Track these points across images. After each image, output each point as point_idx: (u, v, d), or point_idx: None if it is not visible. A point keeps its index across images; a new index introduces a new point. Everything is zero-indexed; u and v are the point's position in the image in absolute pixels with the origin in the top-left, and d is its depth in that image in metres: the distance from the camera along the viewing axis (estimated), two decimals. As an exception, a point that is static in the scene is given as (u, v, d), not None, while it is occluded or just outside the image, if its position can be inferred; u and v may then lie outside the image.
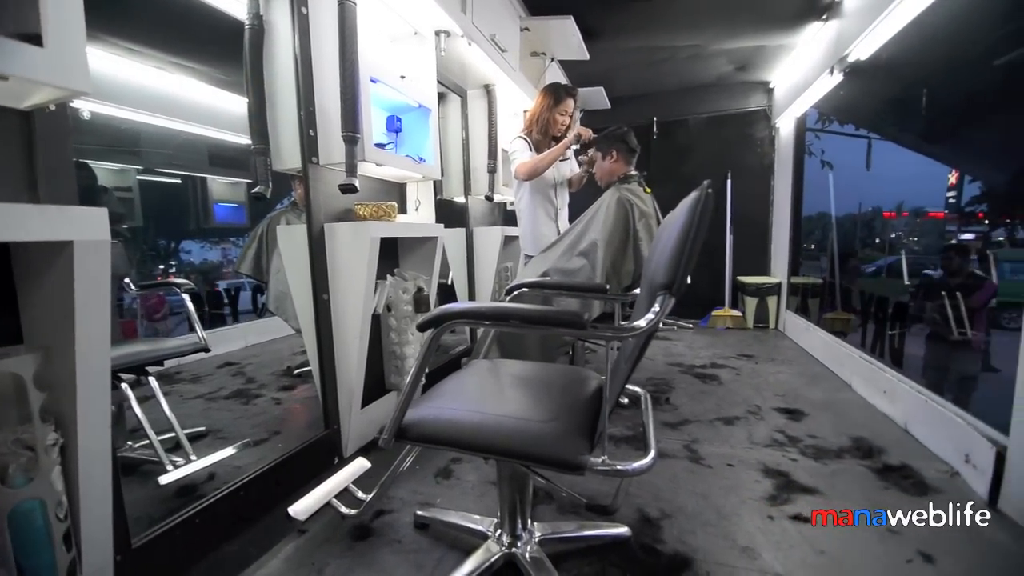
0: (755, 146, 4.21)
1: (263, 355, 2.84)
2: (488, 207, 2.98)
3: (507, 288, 1.33)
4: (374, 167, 1.63)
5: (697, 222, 0.67)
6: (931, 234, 12.44)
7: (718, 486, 1.44)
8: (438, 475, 1.53)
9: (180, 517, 1.11)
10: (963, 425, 1.49)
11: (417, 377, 0.79)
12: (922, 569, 1.08)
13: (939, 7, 1.90)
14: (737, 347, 3.28)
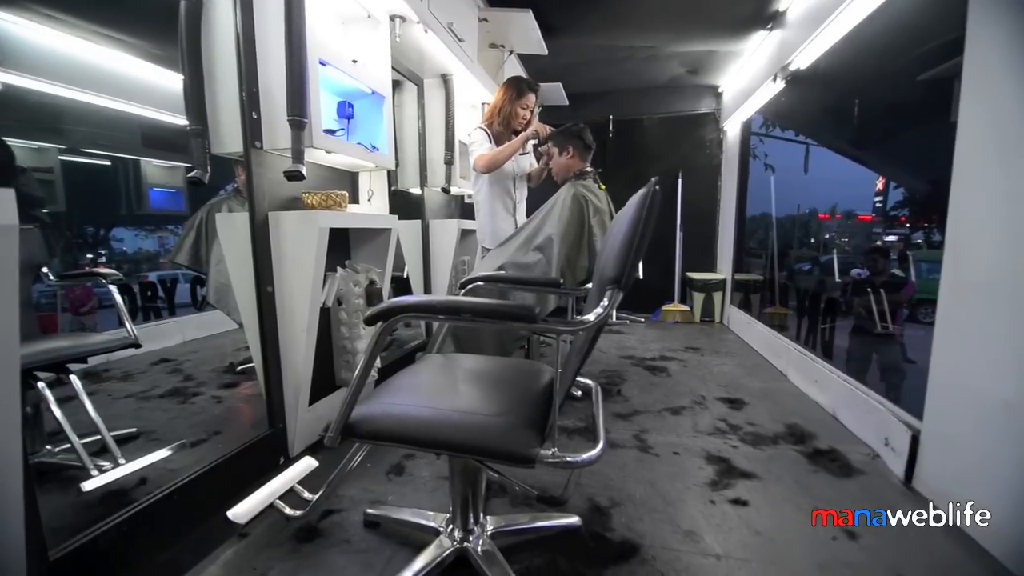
0: (704, 147, 4.38)
1: (203, 351, 2.67)
2: (445, 199, 2.94)
3: (461, 282, 1.32)
4: (323, 154, 1.56)
5: (644, 218, 0.68)
6: (860, 235, 13.40)
7: (665, 474, 1.49)
8: (390, 472, 1.50)
9: (105, 525, 1.03)
10: (883, 411, 1.62)
11: (365, 373, 0.77)
12: (845, 544, 1.16)
13: (871, 23, 2.03)
14: (685, 340, 3.41)
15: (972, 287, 1.26)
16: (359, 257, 1.90)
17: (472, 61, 2.50)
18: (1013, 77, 1.14)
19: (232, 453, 1.40)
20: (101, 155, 2.56)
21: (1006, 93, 1.16)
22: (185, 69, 1.37)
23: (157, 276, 2.85)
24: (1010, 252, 1.14)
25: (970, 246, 1.27)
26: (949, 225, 1.33)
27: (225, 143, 1.44)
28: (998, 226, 1.18)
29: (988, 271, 1.20)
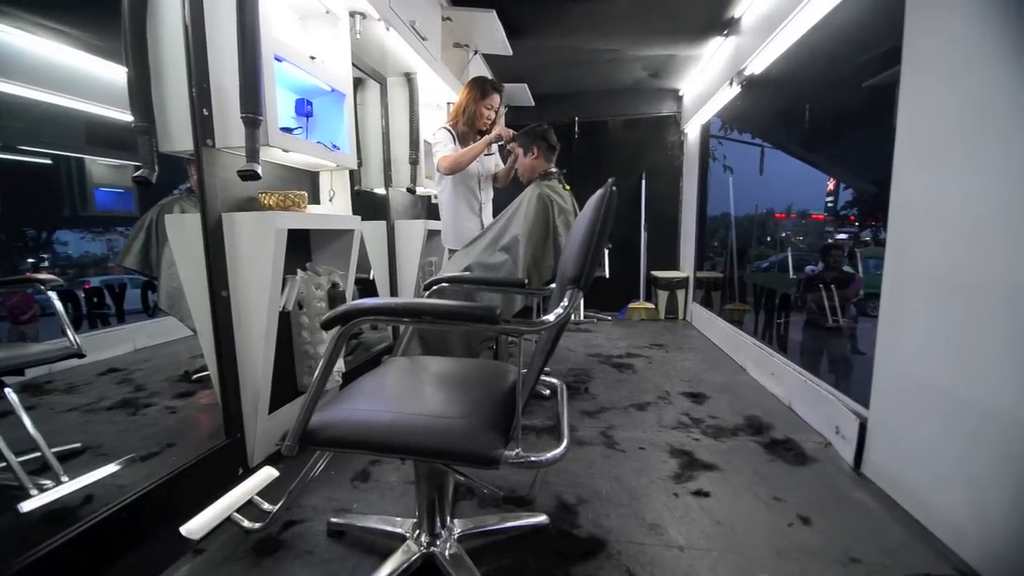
0: (667, 149, 4.49)
1: (156, 359, 2.54)
2: (411, 200, 2.90)
3: (426, 283, 1.31)
4: (280, 153, 1.51)
5: (602, 218, 0.69)
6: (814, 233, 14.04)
7: (630, 469, 1.52)
8: (356, 479, 1.47)
9: (45, 548, 0.97)
10: (833, 401, 1.70)
11: (323, 378, 0.75)
12: (800, 530, 1.21)
13: (818, 32, 2.13)
14: (650, 337, 3.49)
15: (911, 282, 1.34)
16: (321, 259, 1.85)
17: (436, 60, 2.48)
18: (945, 84, 1.22)
19: (186, 466, 1.34)
20: (42, 153, 2.39)
21: (939, 98, 1.24)
22: (129, 62, 1.30)
23: (101, 281, 2.69)
24: (944, 248, 1.21)
25: (909, 243, 1.35)
26: (890, 224, 1.41)
27: (174, 141, 1.38)
28: (933, 224, 1.26)
29: (925, 267, 1.28)
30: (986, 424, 1.07)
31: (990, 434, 1.06)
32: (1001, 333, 1.04)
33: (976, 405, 1.10)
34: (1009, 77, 1.03)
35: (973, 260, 1.12)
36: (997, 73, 1.06)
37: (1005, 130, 1.04)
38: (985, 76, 1.09)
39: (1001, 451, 1.03)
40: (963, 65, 1.16)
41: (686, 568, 1.07)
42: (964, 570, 1.07)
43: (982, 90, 1.10)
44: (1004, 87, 1.04)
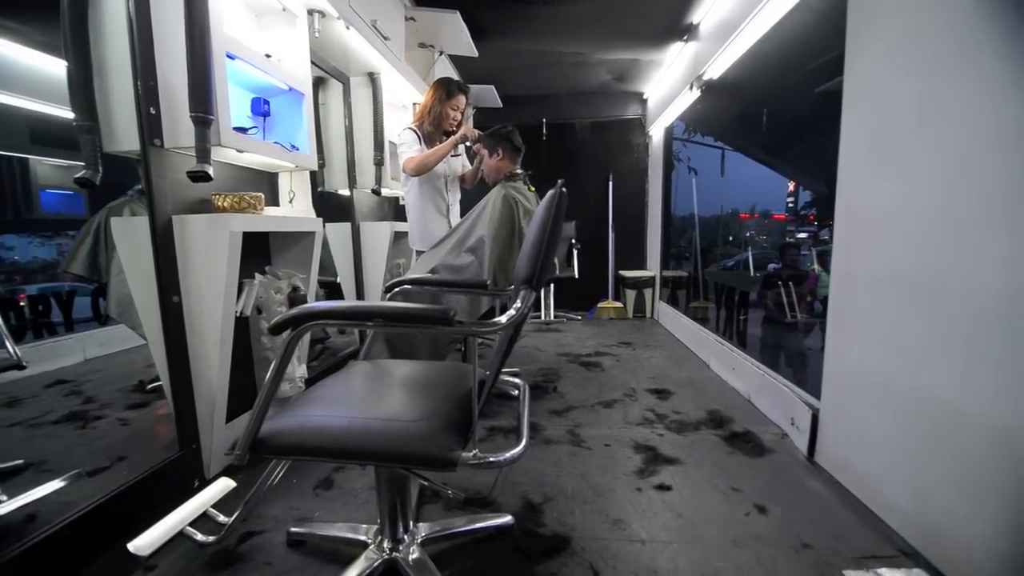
0: (633, 151, 4.58)
1: (108, 369, 2.41)
2: (377, 201, 2.86)
3: (386, 286, 1.29)
4: (234, 153, 1.47)
5: (552, 218, 0.70)
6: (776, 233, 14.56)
7: (596, 465, 1.54)
8: (318, 486, 1.44)
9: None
10: (789, 393, 1.76)
11: (273, 385, 0.73)
12: (756, 519, 1.26)
13: (772, 38, 2.22)
14: (618, 336, 3.54)
15: (856, 278, 1.41)
16: (281, 262, 1.81)
17: (400, 60, 2.46)
18: (882, 92, 1.29)
19: (137, 479, 1.29)
20: (-22, 152, 2.24)
21: (877, 105, 1.31)
22: (69, 57, 1.24)
23: (42, 289, 2.54)
24: (884, 247, 1.28)
25: (853, 242, 1.42)
26: (836, 223, 1.48)
27: (120, 140, 1.32)
28: (874, 224, 1.33)
29: (868, 264, 1.35)
30: (924, 411, 1.13)
31: (928, 421, 1.12)
32: (936, 325, 1.11)
33: (915, 394, 1.16)
34: (942, 85, 1.10)
35: (910, 257, 1.19)
36: (931, 82, 1.13)
37: (937, 136, 1.11)
38: (919, 85, 1.16)
39: (937, 436, 1.10)
40: (899, 74, 1.23)
41: (647, 561, 1.10)
42: (906, 550, 1.13)
43: (917, 98, 1.17)
44: (937, 95, 1.11)
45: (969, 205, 1.01)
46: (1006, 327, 0.92)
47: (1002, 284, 0.93)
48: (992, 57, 0.96)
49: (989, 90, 0.97)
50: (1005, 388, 0.92)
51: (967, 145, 1.02)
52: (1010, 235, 0.92)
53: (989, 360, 0.96)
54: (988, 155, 0.97)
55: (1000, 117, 0.94)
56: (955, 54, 1.05)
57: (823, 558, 1.10)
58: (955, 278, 1.04)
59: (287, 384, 1.71)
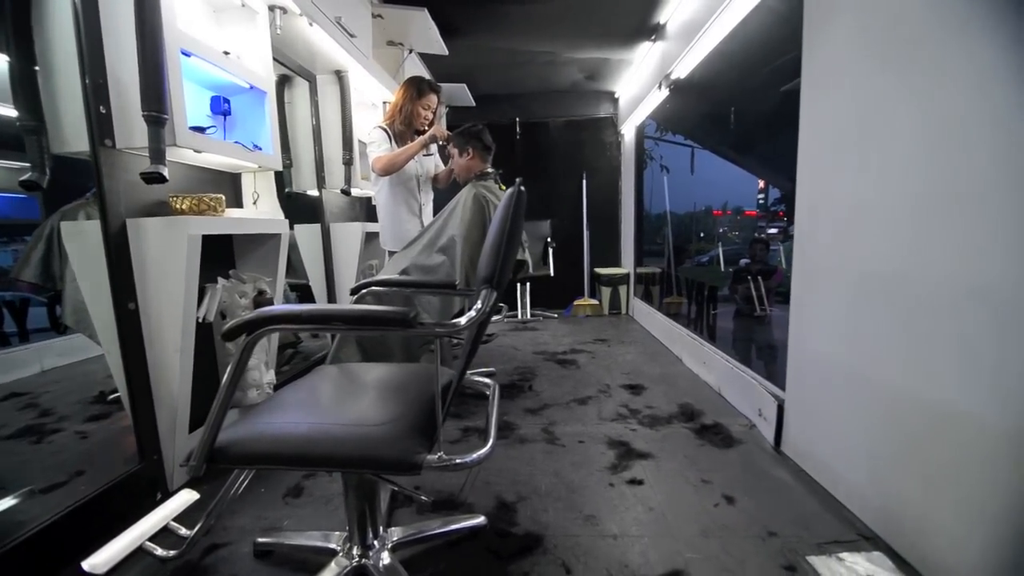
0: (605, 150, 4.63)
1: (66, 380, 2.30)
2: (347, 201, 2.82)
3: (351, 288, 1.27)
4: (192, 154, 1.42)
5: (512, 218, 0.69)
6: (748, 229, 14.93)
7: (570, 463, 1.55)
8: (287, 495, 1.41)
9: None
10: (756, 385, 1.81)
11: (228, 392, 0.71)
12: (725, 509, 1.28)
13: (736, 38, 2.27)
14: (594, 333, 3.57)
15: (815, 271, 1.45)
16: (246, 265, 1.76)
17: (367, 58, 2.42)
18: (835, 92, 1.33)
19: (94, 494, 1.23)
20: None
21: (831, 105, 1.35)
22: (11, 52, 1.18)
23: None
24: (840, 240, 1.32)
25: (812, 236, 1.46)
26: (796, 218, 1.52)
27: (68, 141, 1.27)
28: (830, 218, 1.37)
29: (826, 257, 1.39)
30: (881, 400, 1.18)
31: (884, 409, 1.17)
32: (888, 316, 1.15)
33: (872, 383, 1.20)
34: (894, 83, 1.14)
35: (865, 251, 1.23)
36: (883, 80, 1.17)
37: (890, 133, 1.15)
38: (872, 83, 1.20)
39: (894, 424, 1.14)
40: (853, 72, 1.27)
41: (619, 556, 1.11)
42: (867, 534, 1.17)
43: (870, 96, 1.21)
44: (889, 93, 1.15)
45: (921, 200, 1.05)
46: (956, 318, 0.96)
47: (952, 276, 0.97)
48: (942, 54, 1.00)
49: (939, 88, 1.01)
50: (955, 376, 0.96)
51: (917, 142, 1.06)
52: (960, 229, 0.95)
53: (940, 350, 1.00)
54: (938, 152, 1.01)
55: (949, 115, 0.98)
56: (906, 52, 1.09)
57: (788, 545, 1.13)
58: (908, 271, 1.08)
59: (254, 391, 1.66)
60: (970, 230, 0.93)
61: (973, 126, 0.92)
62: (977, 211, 0.91)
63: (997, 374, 0.87)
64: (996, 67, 0.87)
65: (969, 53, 0.92)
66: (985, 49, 0.89)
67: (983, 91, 0.90)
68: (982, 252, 0.90)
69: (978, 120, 0.91)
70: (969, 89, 0.93)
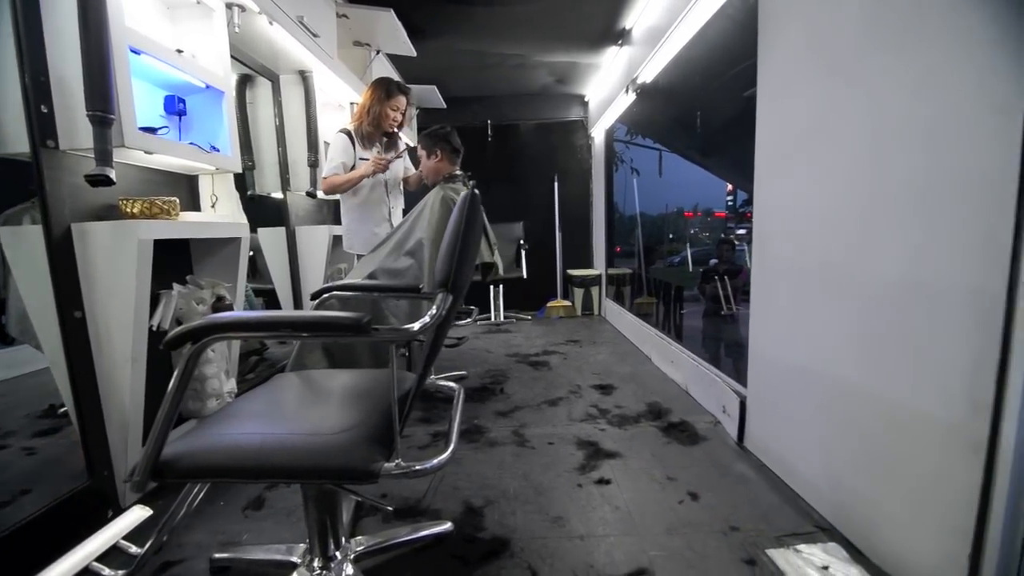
0: (576, 153, 4.67)
1: (14, 393, 2.17)
2: (314, 204, 2.76)
3: (312, 293, 1.24)
4: (143, 155, 1.36)
5: (466, 220, 0.69)
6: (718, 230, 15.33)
7: (539, 464, 1.55)
8: (248, 507, 1.36)
9: None
10: (720, 383, 1.85)
11: (172, 404, 0.68)
12: (689, 506, 1.31)
13: (701, 45, 2.32)
14: (566, 334, 3.60)
15: (773, 272, 1.50)
16: (204, 271, 1.70)
17: (332, 58, 2.38)
18: (787, 98, 1.38)
19: (38, 514, 1.17)
20: None
21: (784, 110, 1.40)
22: (-60, 48, 1.11)
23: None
24: (796, 241, 1.37)
25: (769, 238, 1.51)
26: (754, 220, 1.57)
27: (7, 142, 1.21)
28: (785, 220, 1.42)
29: (782, 258, 1.44)
30: (833, 395, 1.22)
31: (837, 403, 1.21)
32: (839, 314, 1.19)
33: (826, 378, 1.24)
34: (841, 89, 1.18)
35: (816, 251, 1.27)
36: (831, 85, 1.22)
37: (838, 137, 1.19)
38: (821, 88, 1.25)
39: (845, 418, 1.18)
40: (804, 78, 1.31)
41: (584, 556, 1.11)
42: (823, 525, 1.21)
43: (819, 101, 1.26)
44: (837, 98, 1.20)
45: (866, 201, 1.10)
46: (902, 316, 1.00)
47: (896, 275, 1.01)
48: (882, 63, 1.04)
49: (879, 94, 1.05)
50: (902, 372, 1.01)
51: (862, 145, 1.11)
52: (901, 229, 1.00)
53: (888, 347, 1.04)
54: (881, 155, 1.05)
55: (890, 120, 1.03)
56: (849, 60, 1.14)
57: (749, 539, 1.16)
58: (856, 270, 1.13)
59: (214, 400, 1.61)
60: (911, 230, 0.97)
61: (911, 130, 0.97)
62: (917, 211, 0.96)
63: (941, 370, 0.91)
64: (929, 74, 0.92)
65: (905, 61, 0.97)
66: (919, 57, 0.94)
67: (919, 97, 0.95)
68: (922, 251, 0.95)
69: (916, 125, 0.96)
70: (906, 95, 0.97)
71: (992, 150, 0.81)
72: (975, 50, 0.84)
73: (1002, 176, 0.79)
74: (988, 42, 0.81)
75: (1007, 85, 0.77)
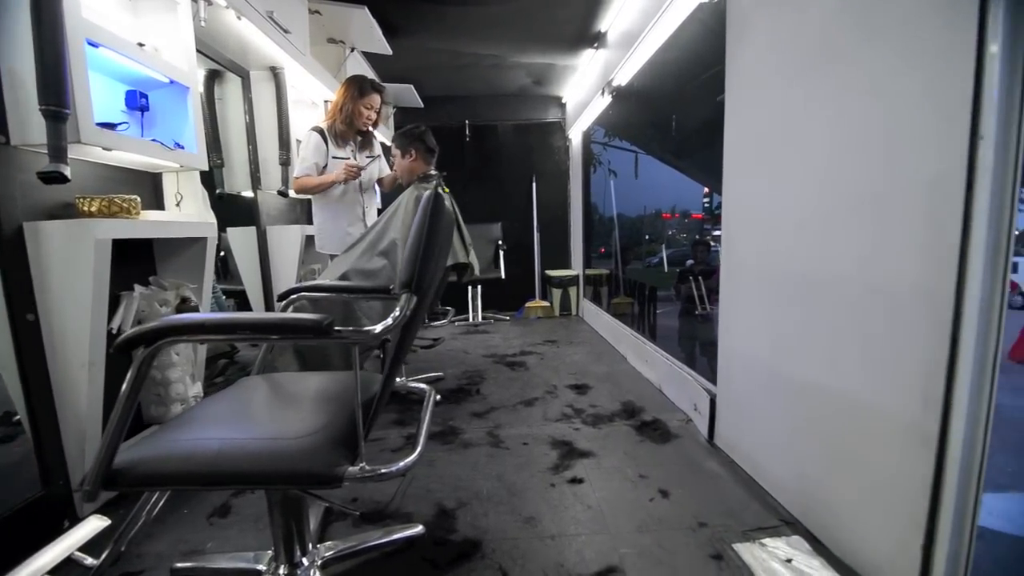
0: (554, 154, 4.69)
1: (-37, 400, 2.08)
2: (287, 203, 2.70)
3: (279, 295, 1.21)
4: (102, 152, 1.31)
5: (430, 221, 0.69)
6: (695, 231, 15.59)
7: (512, 465, 1.55)
8: (213, 515, 1.32)
9: None
10: (692, 381, 1.89)
11: (124, 410, 0.65)
12: (660, 504, 1.33)
13: (675, 48, 2.36)
14: (544, 334, 3.61)
15: (740, 273, 1.53)
16: (168, 271, 1.65)
17: (305, 55, 2.33)
18: (750, 104, 1.41)
19: (-17, 528, 1.11)
20: None
21: (748, 116, 1.44)
22: None
23: None
24: (760, 243, 1.40)
25: (736, 239, 1.54)
26: (723, 222, 1.60)
27: (-47, 136, 1.14)
28: (751, 222, 1.45)
29: (748, 259, 1.48)
30: (798, 392, 1.25)
31: (800, 400, 1.24)
32: (801, 314, 1.23)
33: (791, 376, 1.28)
34: (796, 99, 1.22)
35: (781, 254, 1.31)
36: (788, 96, 1.25)
37: (796, 143, 1.23)
38: (785, 94, 1.28)
39: (807, 414, 1.22)
40: (769, 84, 1.35)
41: (555, 556, 1.12)
42: (788, 519, 1.24)
43: (780, 110, 1.29)
44: (792, 108, 1.23)
45: (825, 204, 1.13)
46: (859, 315, 1.04)
47: (854, 276, 1.05)
48: (842, 69, 1.08)
49: (839, 100, 1.09)
50: (859, 369, 1.04)
51: (823, 150, 1.14)
52: (859, 231, 1.03)
53: (846, 345, 1.08)
54: (840, 159, 1.09)
55: (848, 125, 1.06)
56: (811, 67, 1.17)
57: (716, 534, 1.19)
58: (816, 271, 1.16)
59: (179, 405, 1.56)
60: (867, 231, 1.01)
61: (867, 135, 1.00)
62: (872, 213, 0.99)
63: (895, 367, 0.95)
64: (883, 82, 0.95)
65: (861, 69, 1.00)
66: (874, 65, 0.97)
67: (874, 104, 0.98)
68: (878, 252, 0.98)
69: (871, 130, 0.99)
70: (863, 102, 1.01)
71: (940, 154, 0.84)
72: (924, 59, 0.87)
73: (949, 180, 0.82)
74: (935, 52, 0.85)
75: (953, 92, 0.81)
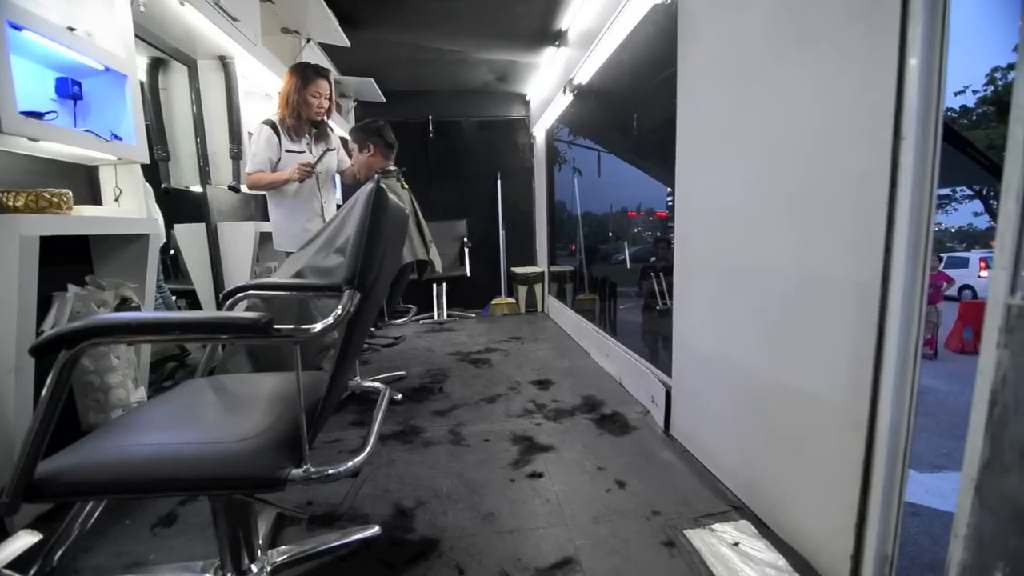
0: (519, 151, 4.71)
1: None
2: (240, 199, 2.60)
3: (224, 293, 1.16)
4: (27, 143, 1.23)
5: (371, 216, 0.68)
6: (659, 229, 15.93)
7: (473, 462, 1.55)
8: (157, 525, 1.26)
9: None
10: (649, 374, 1.93)
11: (44, 418, 0.62)
12: (616, 494, 1.36)
13: (630, 48, 2.40)
14: (510, 331, 3.62)
15: (691, 268, 1.58)
16: (107, 270, 1.56)
17: (256, 45, 2.25)
18: (702, 98, 1.46)
19: None
20: None
21: (696, 115, 1.48)
22: None
23: None
24: (708, 239, 1.45)
25: (687, 235, 1.59)
26: (676, 218, 1.65)
27: None
28: (699, 219, 1.50)
29: (697, 254, 1.52)
30: (743, 382, 1.31)
31: (746, 390, 1.30)
32: (745, 307, 1.28)
33: (737, 367, 1.33)
34: (740, 101, 1.26)
35: (726, 248, 1.36)
36: (732, 97, 1.30)
37: (740, 143, 1.27)
38: (729, 95, 1.33)
39: (753, 403, 1.27)
40: (714, 84, 1.39)
41: (513, 550, 1.12)
42: (737, 504, 1.29)
43: (725, 111, 1.34)
44: (736, 110, 1.28)
45: (766, 201, 1.18)
46: (796, 308, 1.09)
47: (791, 270, 1.10)
48: (782, 70, 1.12)
49: (781, 99, 1.13)
50: (798, 360, 1.09)
51: (763, 149, 1.19)
52: (795, 227, 1.08)
53: (785, 337, 1.13)
54: (778, 157, 1.14)
55: (784, 126, 1.11)
56: (752, 70, 1.22)
57: (669, 522, 1.22)
58: (757, 266, 1.21)
59: (120, 411, 1.48)
60: (803, 227, 1.06)
61: (804, 135, 1.05)
62: (808, 210, 1.04)
63: (829, 356, 1.00)
64: (818, 83, 1.00)
65: (799, 71, 1.05)
66: (811, 67, 1.02)
67: (810, 104, 1.03)
68: (812, 247, 1.03)
69: (808, 130, 1.04)
70: (800, 102, 1.06)
71: (868, 153, 0.89)
72: (854, 63, 0.92)
73: (876, 178, 0.87)
74: (864, 57, 0.90)
75: (878, 93, 0.86)
